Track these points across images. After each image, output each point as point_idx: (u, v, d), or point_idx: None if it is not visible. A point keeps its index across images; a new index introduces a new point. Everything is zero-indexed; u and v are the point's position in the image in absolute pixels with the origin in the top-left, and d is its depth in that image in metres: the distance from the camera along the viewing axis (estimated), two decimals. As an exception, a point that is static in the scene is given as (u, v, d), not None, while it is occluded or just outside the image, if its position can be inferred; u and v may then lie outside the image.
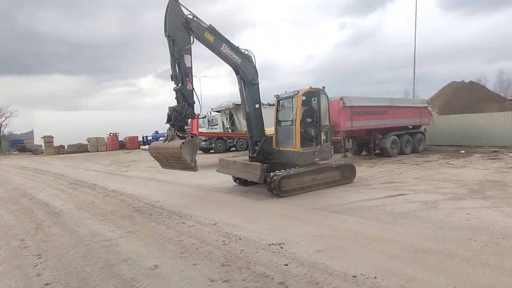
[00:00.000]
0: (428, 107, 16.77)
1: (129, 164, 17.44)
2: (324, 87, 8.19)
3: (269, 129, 8.52)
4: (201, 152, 23.62)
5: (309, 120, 8.07)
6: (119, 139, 37.47)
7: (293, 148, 7.72)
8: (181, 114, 6.48)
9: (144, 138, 36.60)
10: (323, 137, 8.01)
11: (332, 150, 8.42)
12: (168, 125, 6.68)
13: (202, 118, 23.73)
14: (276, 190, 7.00)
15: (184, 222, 5.57)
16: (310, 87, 7.99)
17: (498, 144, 16.59)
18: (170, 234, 4.96)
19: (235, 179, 8.92)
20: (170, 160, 6.64)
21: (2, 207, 7.52)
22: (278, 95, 8.64)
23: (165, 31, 6.53)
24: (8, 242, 4.95)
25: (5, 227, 5.80)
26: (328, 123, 8.31)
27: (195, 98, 6.75)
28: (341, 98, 12.25)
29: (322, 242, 4.31)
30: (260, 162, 7.94)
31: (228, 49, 7.37)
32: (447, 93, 37.60)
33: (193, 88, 6.71)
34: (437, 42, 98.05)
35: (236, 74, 7.91)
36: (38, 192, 9.46)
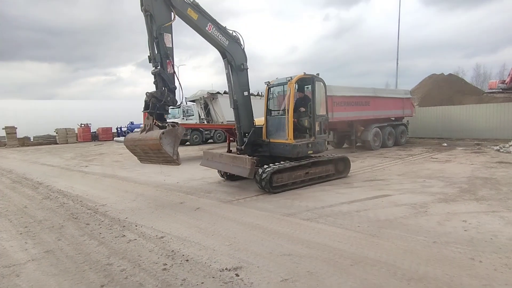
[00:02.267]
0: (411, 99, 16.20)
1: (94, 157, 15.97)
2: (318, 74, 7.32)
3: (259, 119, 7.65)
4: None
5: (303, 109, 7.22)
6: (92, 130, 35.33)
7: (285, 140, 6.92)
8: (160, 101, 5.65)
9: (118, 129, 34.65)
10: (317, 128, 7.21)
11: (326, 142, 7.69)
12: (146, 114, 5.88)
13: (177, 108, 22.36)
14: (267, 186, 6.32)
15: (124, 235, 4.48)
16: (304, 73, 7.13)
17: (479, 136, 16.30)
18: (99, 254, 3.87)
19: (222, 174, 8.05)
20: (149, 153, 5.84)
21: None
22: (269, 82, 7.75)
23: (141, 5, 5.62)
24: None
25: None
26: (325, 113, 7.52)
27: (176, 83, 5.92)
28: (322, 87, 11.32)
29: (290, 266, 3.35)
30: (249, 155, 7.06)
31: (214, 29, 6.54)
32: (427, 85, 37.68)
33: (174, 72, 5.90)
34: (417, 37, 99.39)
35: (223, 58, 7.02)
36: (-32, 193, 8.04)
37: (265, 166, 6.46)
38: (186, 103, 22.90)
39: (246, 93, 7.25)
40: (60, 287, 3.12)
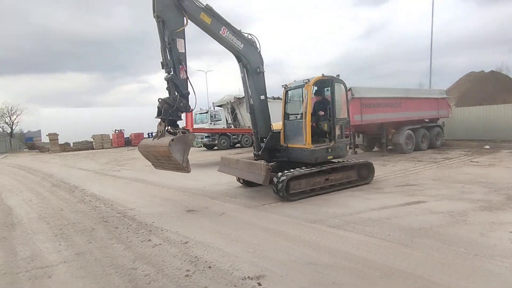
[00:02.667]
0: (447, 99, 15.26)
1: (126, 162, 16.64)
2: (338, 75, 7.05)
3: (276, 124, 7.49)
4: (204, 149, 22.73)
5: (322, 113, 7.01)
6: (125, 136, 37.00)
7: (302, 145, 6.70)
8: (172, 107, 5.62)
9: (149, 134, 36.01)
10: (337, 132, 6.92)
11: (348, 147, 7.33)
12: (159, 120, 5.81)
13: (205, 113, 22.77)
14: (283, 193, 6.07)
15: (150, 240, 4.54)
16: (323, 74, 6.90)
17: (527, 138, 14.96)
18: (125, 258, 3.94)
19: (239, 179, 7.89)
20: (161, 160, 5.80)
21: (-38, 215, 6.68)
22: (286, 85, 7.58)
23: (153, 11, 5.66)
24: None
25: None
26: (346, 116, 7.25)
27: (189, 89, 5.88)
28: (350, 89, 10.96)
29: (315, 276, 3.20)
30: (266, 161, 6.93)
31: (228, 32, 6.45)
32: (465, 84, 35.54)
33: (187, 77, 5.86)
34: (453, 33, 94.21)
35: (238, 62, 6.98)
36: (12, 195, 8.64)
37: (282, 173, 6.23)
38: (214, 108, 23.27)
39: (263, 97, 7.10)
40: (87, 290, 3.20)
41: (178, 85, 5.70)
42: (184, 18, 5.85)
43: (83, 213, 6.28)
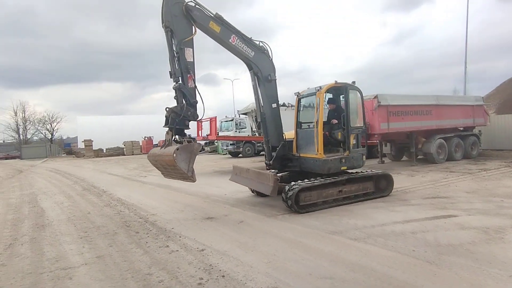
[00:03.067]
0: (484, 106, 14.34)
1: (153, 168, 17.06)
2: (354, 82, 6.83)
3: (289, 133, 7.37)
4: (229, 156, 22.95)
5: (335, 121, 6.82)
6: (154, 143, 38.31)
7: (314, 155, 6.47)
8: (179, 116, 5.63)
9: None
10: (352, 141, 6.65)
11: (365, 156, 6.97)
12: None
13: (230, 121, 23.05)
14: (293, 205, 5.84)
15: (168, 246, 4.60)
16: (336, 81, 6.69)
17: None
18: (142, 263, 4.01)
19: (252, 189, 7.71)
20: (168, 169, 5.79)
21: (1, 216, 7.16)
22: (298, 92, 7.44)
23: (162, 21, 5.72)
24: (-33, 263, 4.33)
25: (-19, 242, 5.28)
26: (362, 125, 6.95)
27: (198, 98, 5.89)
28: (376, 96, 10.66)
29: (330, 291, 3.06)
30: (278, 171, 6.83)
31: (238, 40, 6.43)
32: (506, 90, 33.31)
33: (195, 86, 5.88)
34: (493, 36, 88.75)
35: (249, 70, 6.98)
36: (47, 198, 9.17)
37: (292, 183, 6.01)
38: (239, 116, 23.50)
39: (274, 105, 6.98)
40: (103, 293, 3.27)
41: (186, 94, 5.72)
42: (193, 27, 5.88)
43: (108, 217, 6.51)
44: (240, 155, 21.97)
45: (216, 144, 26.82)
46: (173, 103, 5.83)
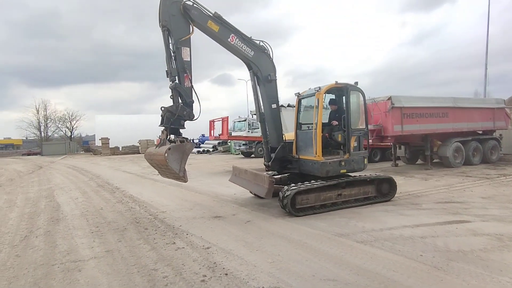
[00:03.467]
0: (506, 109, 13.83)
1: (166, 167, 17.42)
2: (356, 83, 6.69)
3: (289, 134, 7.28)
4: (242, 156, 23.04)
5: (336, 122, 6.69)
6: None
7: (313, 157, 6.33)
8: (174, 115, 5.54)
9: (192, 141, 37.48)
10: (353, 143, 6.48)
11: (366, 159, 6.76)
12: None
13: (243, 121, 23.13)
14: (289, 207, 5.72)
15: (174, 243, 4.67)
16: (336, 82, 6.54)
17: None
18: (149, 258, 4.09)
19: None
20: (162, 168, 5.70)
21: (19, 209, 7.47)
22: (299, 93, 7.32)
23: (159, 21, 5.62)
24: (-15, 253, 4.54)
25: (0, 233, 5.52)
26: (364, 127, 6.76)
27: (194, 97, 5.81)
28: (389, 98, 10.47)
29: (332, 293, 3.04)
30: (278, 172, 6.75)
31: (237, 40, 6.32)
32: (530, 92, 31.91)
33: (191, 86, 5.79)
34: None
35: (249, 69, 6.84)
36: (63, 193, 9.48)
37: (288, 186, 5.91)
38: (252, 116, 23.57)
39: (274, 106, 6.86)
40: (110, 286, 3.37)
41: (182, 93, 5.64)
42: (190, 26, 5.81)
43: (119, 213, 6.67)
44: (253, 155, 22.00)
45: (229, 144, 26.99)
46: (170, 103, 5.71)
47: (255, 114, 24.32)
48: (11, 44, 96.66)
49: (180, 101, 5.65)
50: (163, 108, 5.60)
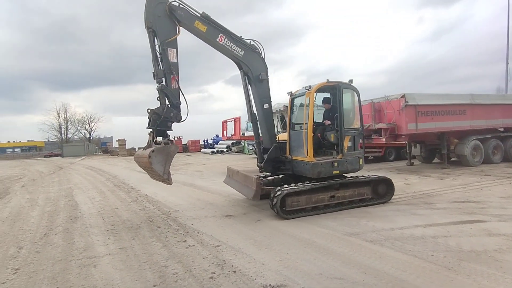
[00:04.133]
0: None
1: (180, 167, 17.73)
2: (351, 80, 6.49)
3: (283, 134, 7.17)
4: (255, 156, 23.08)
5: (328, 122, 6.54)
6: (183, 142, 39.43)
7: (304, 158, 6.14)
8: (160, 117, 5.46)
9: (205, 141, 37.92)
10: (347, 143, 6.29)
11: (362, 160, 6.53)
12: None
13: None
14: (278, 209, 5.58)
15: (185, 241, 4.78)
16: (328, 80, 6.32)
17: None
18: (160, 255, 4.21)
19: None
20: (149, 170, 5.62)
21: (40, 208, 7.81)
22: (291, 92, 7.15)
23: (145, 23, 5.52)
24: (8, 249, 4.79)
25: (22, 230, 5.80)
26: (358, 126, 6.54)
27: (181, 99, 5.73)
28: (403, 96, 10.28)
29: (338, 292, 3.05)
30: (271, 174, 6.68)
31: (226, 40, 6.17)
32: (555, 87, 30.50)
33: (179, 87, 5.70)
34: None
35: (239, 69, 6.67)
36: (81, 193, 9.83)
37: (278, 188, 5.75)
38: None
39: (266, 106, 6.68)
40: (122, 282, 3.50)
41: (169, 95, 5.56)
42: (177, 27, 5.70)
43: (133, 212, 6.87)
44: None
45: (243, 144, 27.13)
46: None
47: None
48: (34, 50, 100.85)
49: (167, 102, 5.58)
50: (149, 110, 5.52)
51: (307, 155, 6.08)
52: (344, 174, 6.44)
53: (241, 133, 17.81)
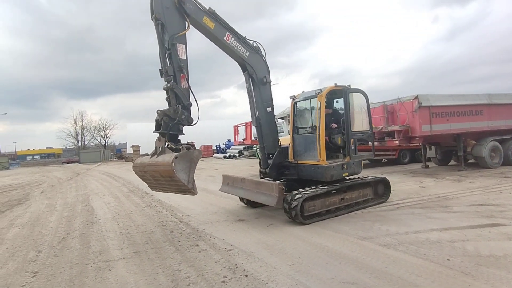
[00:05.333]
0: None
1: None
2: (349, 85, 6.57)
3: (284, 139, 7.13)
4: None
5: (335, 125, 6.53)
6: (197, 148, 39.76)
7: (316, 161, 6.17)
8: (173, 120, 4.92)
9: (217, 146, 38.18)
10: (352, 146, 6.38)
11: (362, 162, 6.74)
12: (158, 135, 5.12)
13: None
14: (298, 216, 5.45)
15: (198, 245, 4.83)
16: (336, 84, 6.39)
17: None
18: (173, 260, 4.27)
19: (242, 199, 7.31)
20: (160, 181, 4.94)
21: (58, 213, 8.04)
22: (294, 96, 7.11)
23: (151, 13, 5.13)
24: (28, 253, 4.95)
25: (41, 235, 5.99)
26: (368, 129, 6.72)
27: (192, 99, 5.26)
28: (416, 97, 10.10)
29: (351, 296, 3.01)
30: (273, 179, 6.60)
31: (232, 39, 5.97)
32: None
33: (189, 86, 5.23)
34: None
35: (243, 71, 6.51)
36: (97, 198, 10.06)
37: (294, 192, 5.63)
38: (276, 121, 23.59)
39: (269, 109, 6.59)
40: (136, 285, 3.56)
41: (179, 95, 5.05)
42: (186, 22, 5.33)
43: (147, 217, 6.98)
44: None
45: (255, 148, 27.19)
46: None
47: (279, 118, 24.38)
48: (53, 60, 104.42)
49: (177, 104, 5.06)
50: (159, 112, 4.95)
51: (320, 158, 6.08)
52: (348, 177, 6.56)
53: (252, 138, 17.87)
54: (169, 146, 5.00)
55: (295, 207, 5.41)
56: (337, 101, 6.96)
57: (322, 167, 6.06)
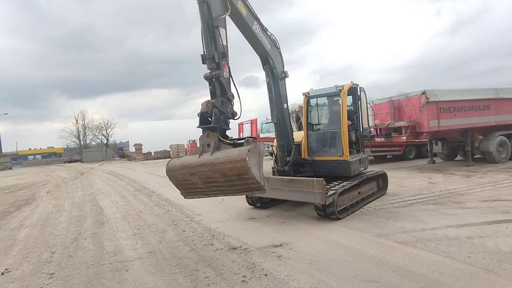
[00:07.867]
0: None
1: (197, 170, 17.85)
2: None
3: (296, 135, 7.07)
4: (271, 157, 23.05)
5: (349, 122, 6.59)
6: (198, 146, 39.77)
7: (338, 157, 6.38)
8: (222, 113, 4.22)
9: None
10: (364, 142, 6.91)
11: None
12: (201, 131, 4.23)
13: (270, 122, 23.15)
14: (335, 212, 5.44)
15: (212, 244, 4.80)
16: (352, 82, 6.63)
17: None
18: (189, 259, 4.24)
19: (250, 198, 6.97)
20: (217, 182, 3.95)
21: (67, 213, 8.02)
22: (308, 92, 7.07)
23: None
24: (41, 254, 4.93)
25: (52, 235, 5.96)
26: (367, 126, 7.35)
27: (233, 91, 4.62)
28: (424, 92, 10.04)
29: (375, 295, 2.98)
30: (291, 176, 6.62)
31: (260, 29, 5.69)
32: None
33: (230, 76, 4.62)
34: None
35: (264, 65, 6.24)
36: (104, 197, 10.04)
37: (330, 186, 5.75)
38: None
39: (286, 106, 6.50)
40: (156, 285, 3.53)
41: (224, 85, 4.45)
42: (228, 3, 4.86)
43: (157, 216, 6.95)
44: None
45: (271, 147, 27.04)
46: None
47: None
48: (52, 59, 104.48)
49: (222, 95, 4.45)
50: (207, 103, 4.25)
51: (344, 154, 6.31)
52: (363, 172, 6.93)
53: (257, 135, 17.85)
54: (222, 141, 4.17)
55: (331, 204, 5.40)
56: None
57: (346, 162, 6.26)
